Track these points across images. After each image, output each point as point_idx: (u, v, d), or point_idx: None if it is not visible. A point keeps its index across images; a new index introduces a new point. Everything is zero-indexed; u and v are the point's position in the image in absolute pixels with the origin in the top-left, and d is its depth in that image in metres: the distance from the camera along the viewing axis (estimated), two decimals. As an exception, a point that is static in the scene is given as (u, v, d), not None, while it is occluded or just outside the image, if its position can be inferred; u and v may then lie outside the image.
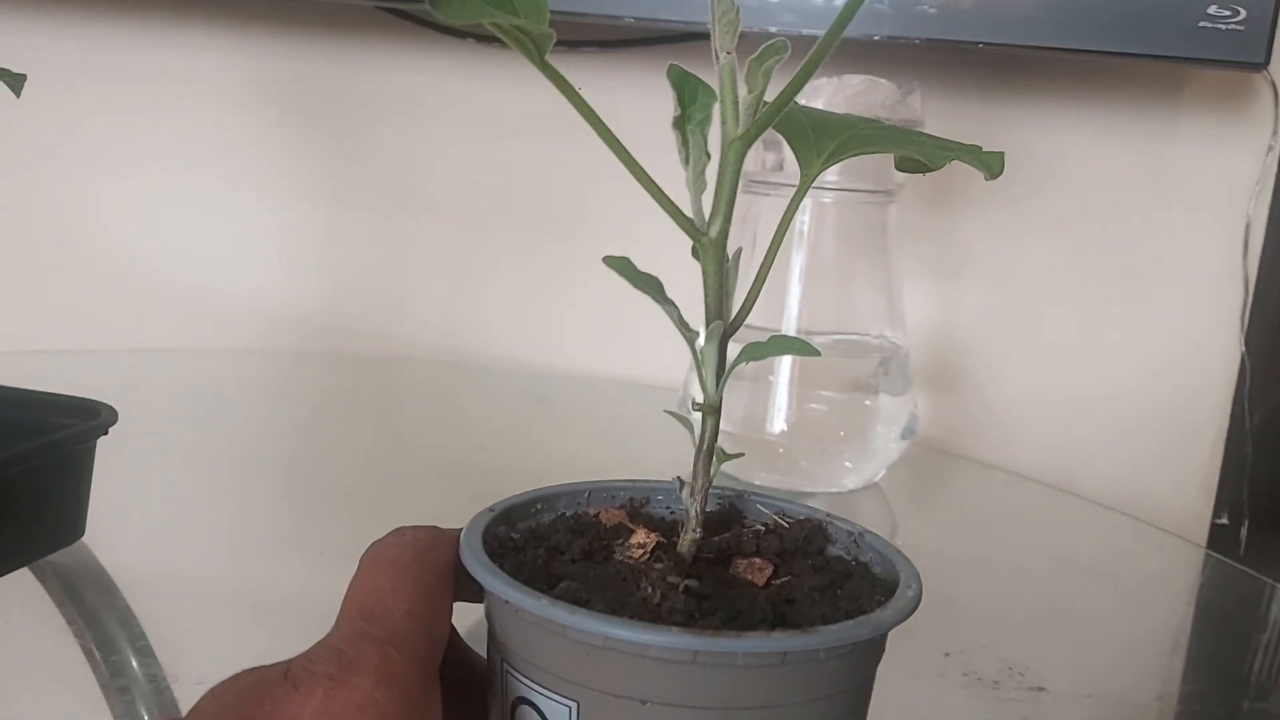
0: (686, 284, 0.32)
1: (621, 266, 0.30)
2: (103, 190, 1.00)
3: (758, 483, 0.69)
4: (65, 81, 0.97)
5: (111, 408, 0.50)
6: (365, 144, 0.97)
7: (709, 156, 0.31)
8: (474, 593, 0.29)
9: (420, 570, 0.28)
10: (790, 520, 0.33)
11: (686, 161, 0.31)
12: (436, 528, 0.30)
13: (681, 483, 0.32)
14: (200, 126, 0.98)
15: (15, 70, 0.46)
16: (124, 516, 0.58)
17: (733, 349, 0.31)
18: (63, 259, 1.01)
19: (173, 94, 0.98)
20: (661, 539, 0.31)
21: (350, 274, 0.98)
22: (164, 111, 0.98)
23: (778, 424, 0.69)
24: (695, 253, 0.31)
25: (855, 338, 0.72)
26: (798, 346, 0.31)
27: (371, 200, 0.97)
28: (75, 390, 0.53)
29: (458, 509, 0.33)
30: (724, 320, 0.31)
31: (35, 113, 0.44)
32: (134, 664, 0.45)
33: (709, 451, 0.31)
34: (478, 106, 0.93)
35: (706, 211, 0.31)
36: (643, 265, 0.30)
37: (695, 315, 0.31)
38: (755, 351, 0.31)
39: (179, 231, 1.00)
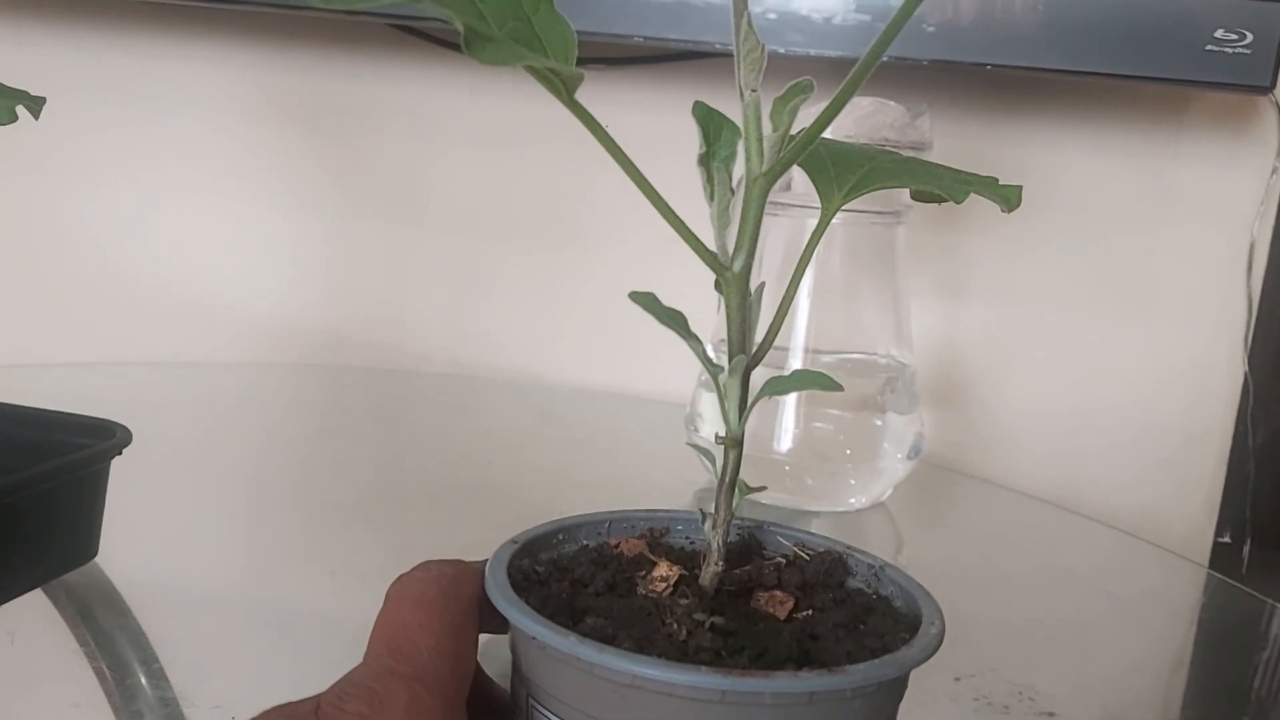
0: (692, 292, 0.32)
1: (647, 302, 0.30)
2: (110, 202, 1.00)
3: (764, 501, 0.69)
4: (73, 94, 0.98)
5: (126, 428, 0.50)
6: (372, 158, 0.97)
7: (733, 193, 0.31)
8: (498, 624, 0.29)
9: (446, 606, 0.28)
10: (810, 552, 0.33)
11: (711, 198, 0.31)
12: (460, 561, 0.30)
13: (704, 515, 0.32)
14: (208, 140, 0.98)
15: (25, 84, 0.47)
16: (135, 534, 0.58)
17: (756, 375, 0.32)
18: (69, 271, 1.01)
19: (181, 107, 0.98)
20: (684, 572, 0.31)
21: (356, 287, 0.98)
22: (172, 124, 0.99)
23: (785, 442, 0.70)
24: (718, 286, 0.32)
25: (862, 357, 0.73)
26: (820, 381, 0.31)
27: (378, 214, 0.97)
28: (82, 404, 0.53)
29: (467, 526, 0.34)
30: (746, 354, 0.32)
31: (44, 125, 0.44)
32: (147, 686, 0.45)
33: (731, 484, 0.32)
34: (484, 120, 0.94)
35: (729, 246, 0.31)
36: (647, 275, 0.30)
37: (695, 322, 0.31)
38: (778, 386, 0.31)
39: (185, 244, 1.00)
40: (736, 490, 0.32)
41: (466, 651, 0.28)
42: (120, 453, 0.49)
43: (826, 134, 0.31)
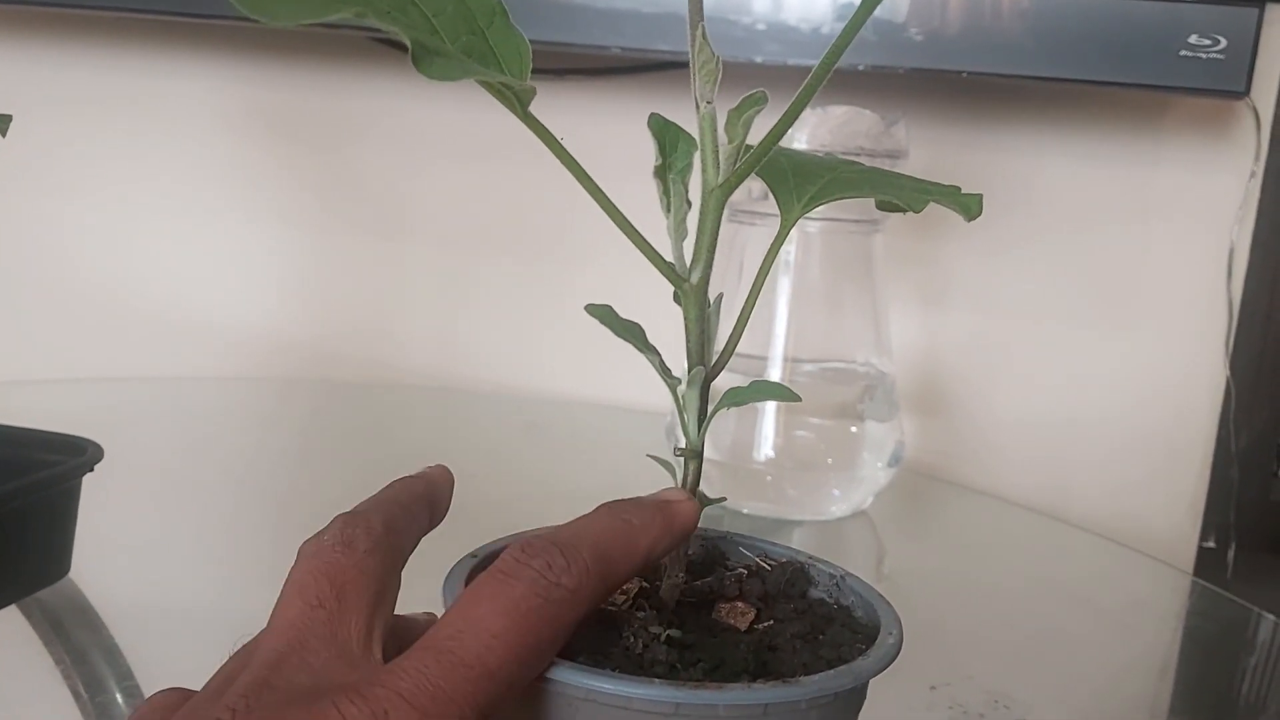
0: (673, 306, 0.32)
1: (604, 315, 0.30)
2: (90, 217, 1.00)
3: (745, 511, 0.69)
4: (51, 109, 0.98)
5: (97, 444, 0.50)
6: (354, 171, 0.97)
7: (690, 204, 0.31)
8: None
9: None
10: (772, 563, 0.33)
11: (668, 210, 0.31)
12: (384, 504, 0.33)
13: (665, 527, 0.32)
14: (189, 154, 0.98)
15: (7, 99, 0.47)
16: (110, 550, 0.58)
17: (723, 380, 0.32)
18: (49, 287, 1.01)
19: (163, 121, 0.98)
20: (644, 583, 0.31)
21: (339, 300, 0.98)
22: (152, 139, 0.99)
23: (764, 451, 0.70)
24: (677, 298, 0.32)
25: (842, 365, 0.73)
26: (778, 392, 0.32)
27: (361, 227, 0.97)
28: (60, 421, 0.53)
29: (450, 539, 0.34)
30: (705, 365, 0.32)
31: (22, 139, 0.44)
32: (122, 703, 0.45)
33: (691, 495, 0.32)
34: (468, 133, 0.94)
35: (688, 257, 0.31)
36: (632, 284, 0.30)
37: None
38: (736, 397, 0.31)
39: (166, 259, 1.00)
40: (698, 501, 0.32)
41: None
42: (91, 469, 0.49)
43: (800, 144, 0.31)
